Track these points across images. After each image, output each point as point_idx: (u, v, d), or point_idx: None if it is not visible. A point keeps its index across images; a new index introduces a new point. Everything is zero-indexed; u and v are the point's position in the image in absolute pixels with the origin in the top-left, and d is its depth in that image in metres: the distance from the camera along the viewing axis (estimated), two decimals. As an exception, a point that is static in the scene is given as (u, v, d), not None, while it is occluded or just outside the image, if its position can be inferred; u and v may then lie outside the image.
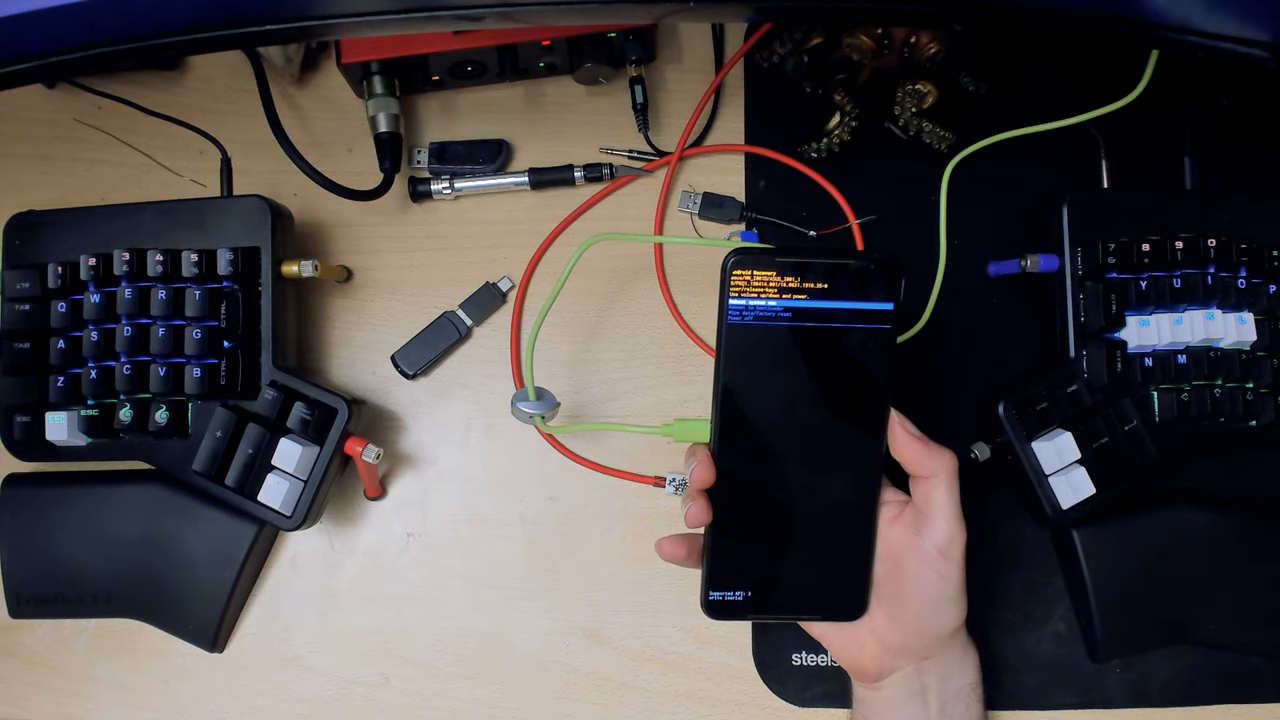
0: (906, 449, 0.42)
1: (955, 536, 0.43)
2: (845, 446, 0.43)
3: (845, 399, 0.42)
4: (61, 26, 0.40)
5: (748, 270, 0.39)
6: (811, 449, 0.43)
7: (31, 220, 0.55)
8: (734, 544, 0.44)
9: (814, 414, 0.42)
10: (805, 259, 0.40)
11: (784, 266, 0.40)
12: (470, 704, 0.54)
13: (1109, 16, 0.40)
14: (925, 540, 0.43)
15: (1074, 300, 0.51)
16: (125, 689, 0.55)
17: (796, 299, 0.40)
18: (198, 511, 0.53)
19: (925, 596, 0.43)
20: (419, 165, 0.59)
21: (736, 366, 0.41)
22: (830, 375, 0.41)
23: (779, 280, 0.40)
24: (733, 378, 0.41)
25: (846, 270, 0.40)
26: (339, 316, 0.58)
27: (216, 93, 0.61)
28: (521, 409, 0.49)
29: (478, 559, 0.56)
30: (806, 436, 0.42)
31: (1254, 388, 0.51)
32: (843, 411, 0.42)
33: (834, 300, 0.40)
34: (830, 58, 0.56)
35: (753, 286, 0.40)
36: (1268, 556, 0.51)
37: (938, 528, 0.43)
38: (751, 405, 0.42)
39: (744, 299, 0.40)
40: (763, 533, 0.44)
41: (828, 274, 0.40)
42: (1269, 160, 0.58)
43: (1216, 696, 0.52)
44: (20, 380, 0.53)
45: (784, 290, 0.40)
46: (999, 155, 0.56)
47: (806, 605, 0.45)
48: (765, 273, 0.39)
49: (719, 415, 0.42)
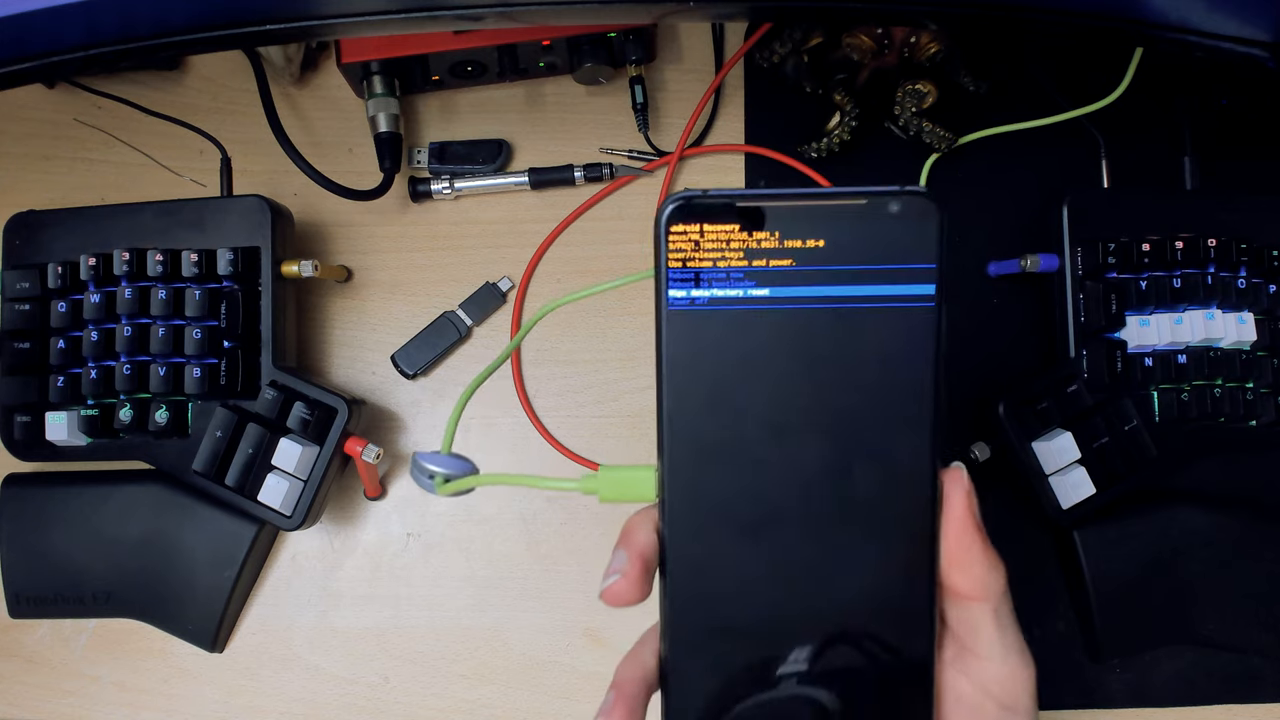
0: (964, 543, 0.27)
1: (1018, 679, 0.29)
2: (870, 506, 0.27)
3: (864, 435, 0.26)
4: (61, 26, 0.40)
5: (694, 225, 0.25)
6: (818, 508, 0.27)
7: (31, 220, 0.55)
8: (704, 655, 0.28)
9: (815, 460, 0.26)
10: (785, 201, 0.25)
11: (752, 216, 0.25)
12: (470, 704, 0.54)
13: (1108, 16, 0.40)
14: (975, 687, 0.29)
15: (1074, 300, 0.51)
16: (125, 689, 0.55)
17: (776, 266, 0.25)
18: (198, 511, 0.53)
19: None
20: (419, 165, 0.59)
21: (688, 381, 0.26)
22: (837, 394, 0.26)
23: (745, 239, 0.25)
24: (683, 399, 0.26)
25: (853, 215, 0.25)
26: (339, 316, 0.58)
27: (216, 93, 0.61)
28: (424, 465, 0.32)
29: (478, 559, 0.56)
30: (809, 489, 0.27)
31: (1254, 388, 0.51)
32: (863, 445, 0.26)
33: (835, 266, 0.25)
34: (830, 58, 0.56)
35: (704, 251, 0.25)
36: (1268, 556, 0.51)
37: (992, 673, 0.28)
38: (719, 444, 0.26)
39: (691, 271, 0.25)
40: (748, 640, 0.27)
41: (823, 223, 0.25)
42: (1269, 160, 0.58)
43: (1216, 696, 0.52)
44: (20, 380, 0.53)
45: (754, 254, 0.25)
46: (999, 155, 0.56)
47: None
48: (722, 228, 0.25)
49: (669, 461, 0.27)
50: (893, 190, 0.25)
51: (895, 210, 0.25)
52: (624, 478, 0.28)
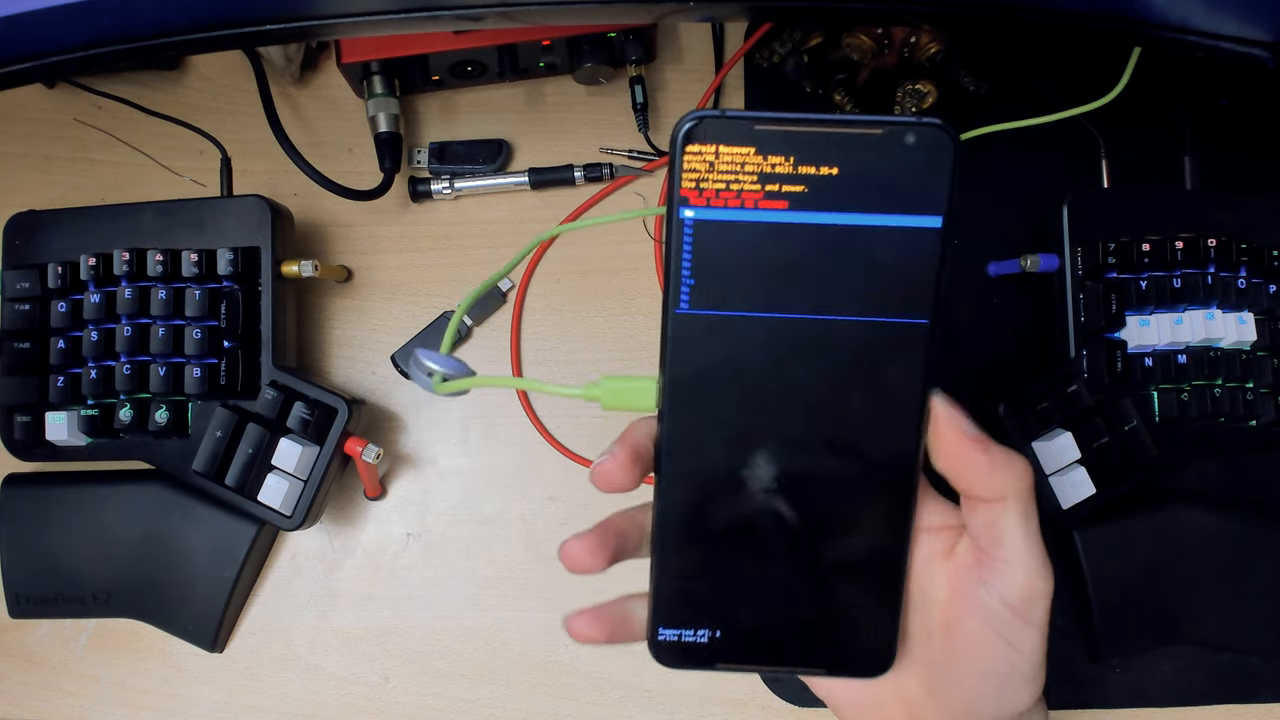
0: (957, 457, 0.29)
1: (1036, 589, 0.29)
2: (860, 431, 0.29)
3: (859, 356, 0.28)
4: (61, 26, 0.40)
5: (711, 145, 0.26)
6: (809, 430, 0.29)
7: (31, 220, 0.55)
8: (694, 553, 0.30)
9: (813, 378, 0.28)
10: (804, 125, 0.26)
11: (770, 139, 0.26)
12: (470, 704, 0.54)
13: (1108, 16, 0.40)
14: (989, 591, 0.29)
15: (1074, 300, 0.51)
16: (125, 689, 0.55)
17: (789, 190, 0.27)
18: (198, 511, 0.53)
19: (985, 669, 0.30)
20: (419, 165, 0.59)
21: (695, 295, 0.27)
22: (839, 317, 0.28)
23: (760, 162, 0.26)
24: (689, 316, 0.28)
25: (868, 143, 0.26)
26: (339, 316, 0.58)
27: (216, 93, 0.61)
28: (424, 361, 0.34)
29: (478, 559, 0.56)
30: (801, 411, 0.29)
31: (1254, 388, 0.51)
32: (856, 377, 0.28)
33: (847, 191, 0.27)
34: (830, 58, 0.56)
35: (719, 173, 0.26)
36: (1268, 557, 0.51)
37: (1009, 575, 0.29)
38: (718, 358, 0.28)
39: (705, 191, 0.27)
40: (736, 541, 0.30)
41: (838, 149, 0.26)
42: (1269, 160, 0.58)
43: (1216, 696, 0.52)
44: (20, 380, 0.53)
45: (768, 178, 0.26)
46: (999, 155, 0.56)
47: (803, 653, 0.31)
48: (739, 150, 0.26)
49: (670, 370, 0.28)
50: (909, 120, 0.26)
51: (910, 141, 0.26)
52: (626, 387, 0.30)
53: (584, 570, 0.31)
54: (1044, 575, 0.29)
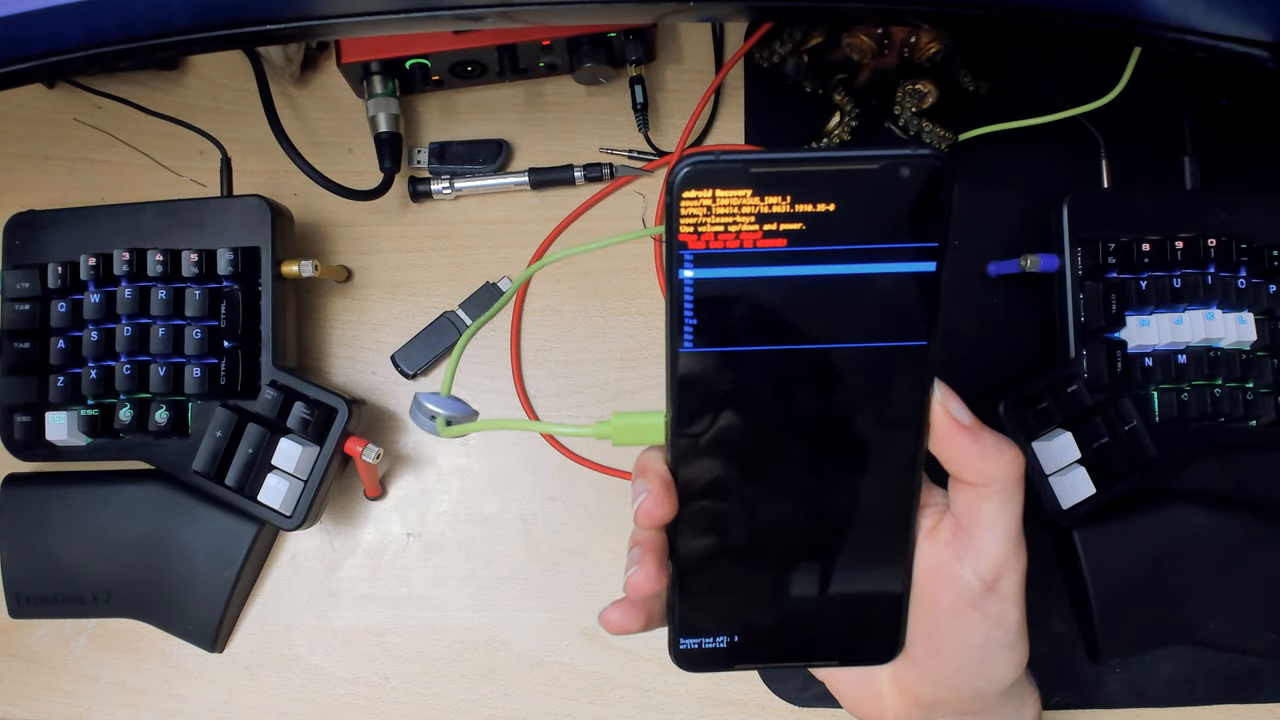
0: (948, 442, 0.30)
1: (1008, 565, 0.31)
2: (865, 445, 0.30)
3: (860, 380, 0.29)
4: (61, 26, 0.40)
5: (707, 190, 0.26)
6: (815, 450, 0.30)
7: (31, 220, 0.55)
8: (711, 571, 0.32)
9: (816, 403, 0.29)
10: (799, 165, 0.26)
11: (765, 180, 0.26)
12: (470, 704, 0.54)
13: (1108, 16, 0.40)
14: (964, 566, 0.31)
15: (1074, 300, 0.51)
16: (125, 689, 0.55)
17: (786, 229, 0.27)
18: (198, 511, 0.53)
19: (965, 642, 0.32)
20: (419, 165, 0.59)
21: (698, 335, 0.28)
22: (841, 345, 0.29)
23: (758, 203, 0.26)
24: (693, 354, 0.29)
25: (865, 177, 0.26)
26: (339, 316, 0.58)
27: (216, 93, 0.61)
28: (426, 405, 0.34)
29: (478, 559, 0.56)
30: (807, 433, 0.30)
31: (1254, 388, 0.51)
32: (858, 400, 0.29)
33: (845, 228, 0.27)
34: (830, 58, 0.56)
35: (716, 216, 0.27)
36: (1268, 557, 0.51)
37: (984, 551, 0.31)
38: (723, 391, 0.29)
39: (704, 234, 0.27)
40: (750, 555, 0.32)
41: (834, 185, 0.27)
42: (1269, 160, 0.58)
43: (1216, 696, 0.52)
44: (20, 380, 0.53)
45: (765, 218, 0.27)
46: (999, 155, 0.56)
47: (816, 647, 0.34)
48: (735, 192, 0.26)
49: (678, 406, 0.29)
50: (903, 153, 0.26)
51: (905, 173, 0.26)
52: (637, 424, 0.31)
53: (662, 520, 0.31)
54: (1017, 554, 0.31)
